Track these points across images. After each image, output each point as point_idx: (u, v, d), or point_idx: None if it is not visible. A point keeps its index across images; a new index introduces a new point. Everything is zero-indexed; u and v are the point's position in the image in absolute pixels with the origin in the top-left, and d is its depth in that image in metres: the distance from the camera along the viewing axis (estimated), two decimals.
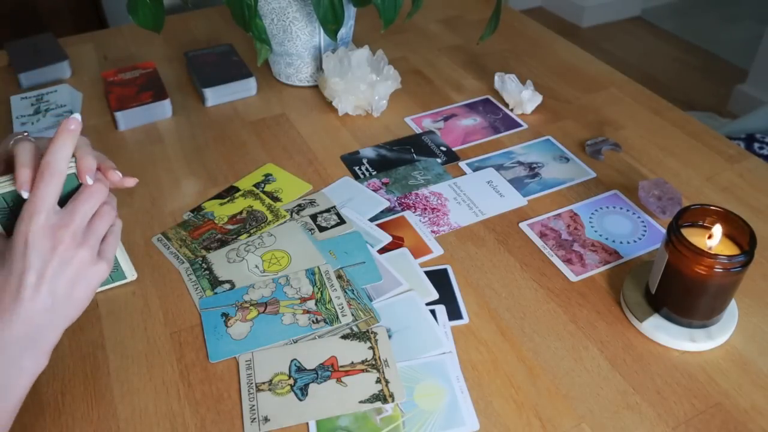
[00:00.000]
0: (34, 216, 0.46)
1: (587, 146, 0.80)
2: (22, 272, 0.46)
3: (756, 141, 1.59)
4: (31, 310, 0.46)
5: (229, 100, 0.92)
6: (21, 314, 0.45)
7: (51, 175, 0.47)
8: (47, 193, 0.47)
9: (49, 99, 0.90)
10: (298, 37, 0.88)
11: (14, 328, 0.45)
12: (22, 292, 0.45)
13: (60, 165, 0.47)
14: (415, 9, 0.86)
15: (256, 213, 0.71)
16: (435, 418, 0.51)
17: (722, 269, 0.51)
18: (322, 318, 0.59)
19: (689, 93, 2.37)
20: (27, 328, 0.46)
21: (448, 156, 0.80)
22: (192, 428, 0.51)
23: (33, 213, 0.46)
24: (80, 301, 0.49)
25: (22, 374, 0.46)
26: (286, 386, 0.53)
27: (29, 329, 0.46)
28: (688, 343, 0.55)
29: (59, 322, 0.48)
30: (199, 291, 0.62)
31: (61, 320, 0.48)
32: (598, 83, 0.95)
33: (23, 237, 0.46)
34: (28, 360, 0.46)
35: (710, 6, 2.98)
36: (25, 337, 0.46)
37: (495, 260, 0.65)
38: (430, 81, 0.97)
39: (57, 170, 0.47)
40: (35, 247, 0.46)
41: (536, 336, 0.57)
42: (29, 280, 0.46)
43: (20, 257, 0.46)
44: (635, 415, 0.51)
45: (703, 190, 0.74)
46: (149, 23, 0.81)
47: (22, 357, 0.46)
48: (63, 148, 0.48)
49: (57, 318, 0.48)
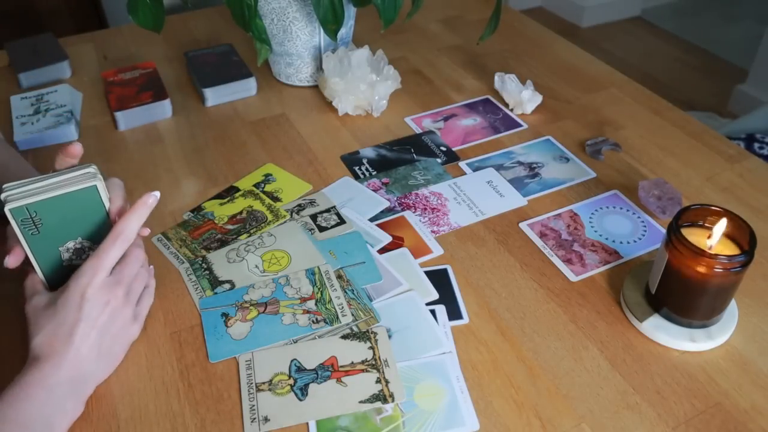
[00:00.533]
0: (97, 273, 0.51)
1: (587, 146, 0.80)
2: (75, 322, 0.50)
3: (756, 141, 1.59)
4: (79, 357, 0.50)
5: (229, 100, 0.92)
6: (70, 360, 0.49)
7: (122, 241, 0.52)
8: (113, 256, 0.52)
9: (49, 99, 0.90)
10: (298, 37, 0.88)
11: (62, 372, 0.49)
12: (74, 340, 0.50)
13: (131, 235, 0.53)
14: (415, 9, 0.86)
15: (256, 213, 0.71)
16: (435, 418, 0.51)
17: (722, 269, 0.51)
18: (322, 318, 0.59)
19: (689, 93, 2.37)
20: (73, 373, 0.50)
21: (448, 156, 0.80)
22: (192, 428, 0.51)
23: (97, 271, 0.51)
24: (117, 356, 0.55)
25: (65, 416, 0.49)
26: (286, 386, 0.53)
27: (75, 374, 0.50)
28: (688, 343, 0.55)
29: (99, 374, 0.53)
30: (199, 291, 0.62)
31: (100, 372, 0.53)
32: (598, 83, 0.95)
33: (81, 290, 0.50)
34: (70, 403, 0.50)
35: (710, 6, 2.98)
36: (71, 381, 0.50)
37: (495, 260, 0.65)
38: (430, 81, 0.97)
39: (127, 238, 0.53)
40: (92, 302, 0.50)
41: (536, 336, 0.57)
42: (82, 330, 0.50)
43: (75, 309, 0.50)
44: (635, 415, 0.51)
45: (703, 190, 0.74)
46: (149, 23, 0.81)
47: (66, 399, 0.49)
48: (137, 220, 0.53)
49: (98, 369, 0.52)
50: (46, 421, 0.47)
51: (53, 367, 0.49)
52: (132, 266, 0.54)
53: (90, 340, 0.50)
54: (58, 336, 0.49)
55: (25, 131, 0.84)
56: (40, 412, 0.47)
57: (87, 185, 0.52)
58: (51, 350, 0.49)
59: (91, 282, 0.50)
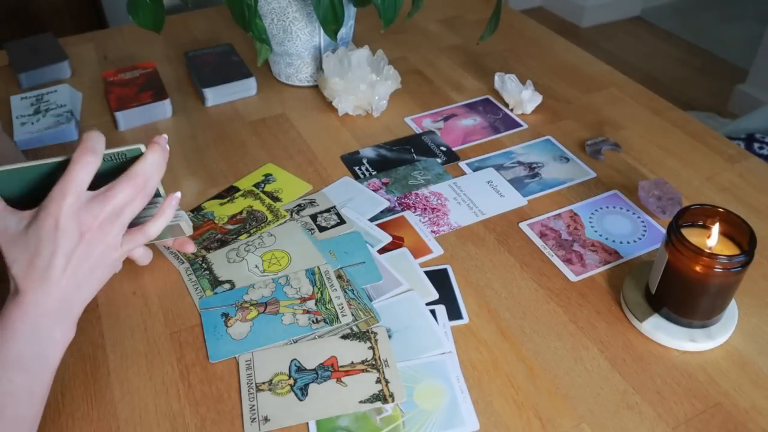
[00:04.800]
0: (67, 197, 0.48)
1: (587, 146, 0.80)
2: (51, 254, 0.48)
3: (756, 141, 1.59)
4: (59, 288, 0.49)
5: (229, 100, 0.92)
6: (50, 293, 0.48)
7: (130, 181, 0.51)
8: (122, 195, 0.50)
9: (49, 99, 0.90)
10: (298, 37, 0.88)
11: (43, 306, 0.48)
12: (50, 273, 0.48)
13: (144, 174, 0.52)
14: (415, 9, 0.86)
15: (256, 213, 0.71)
16: (435, 418, 0.51)
17: (722, 269, 0.51)
18: (322, 318, 0.59)
19: (689, 93, 2.37)
20: (55, 305, 0.49)
21: (448, 156, 0.80)
22: (192, 428, 0.51)
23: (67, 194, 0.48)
24: (101, 280, 0.53)
25: (55, 345, 0.49)
26: (286, 386, 0.53)
27: (57, 305, 0.49)
28: (688, 343, 0.55)
29: (83, 297, 0.51)
30: (199, 291, 0.62)
31: (84, 296, 0.51)
32: (598, 83, 0.95)
33: (53, 219, 0.48)
34: (58, 332, 0.49)
35: (710, 6, 2.98)
36: (54, 312, 0.49)
37: (495, 260, 0.65)
38: (430, 81, 0.97)
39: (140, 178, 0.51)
40: (67, 232, 0.48)
41: (536, 336, 0.57)
42: (58, 263, 0.48)
43: (49, 239, 0.48)
44: (635, 415, 0.51)
45: (703, 190, 0.74)
46: (149, 23, 0.81)
47: (54, 329, 0.49)
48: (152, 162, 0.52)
49: (81, 295, 0.51)
50: (37, 355, 0.47)
51: (33, 303, 0.48)
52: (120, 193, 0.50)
53: (68, 271, 0.49)
54: (36, 268, 0.48)
55: (25, 131, 0.84)
56: (29, 348, 0.47)
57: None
58: (29, 284, 0.48)
59: (62, 207, 0.47)
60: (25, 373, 0.46)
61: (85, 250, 0.50)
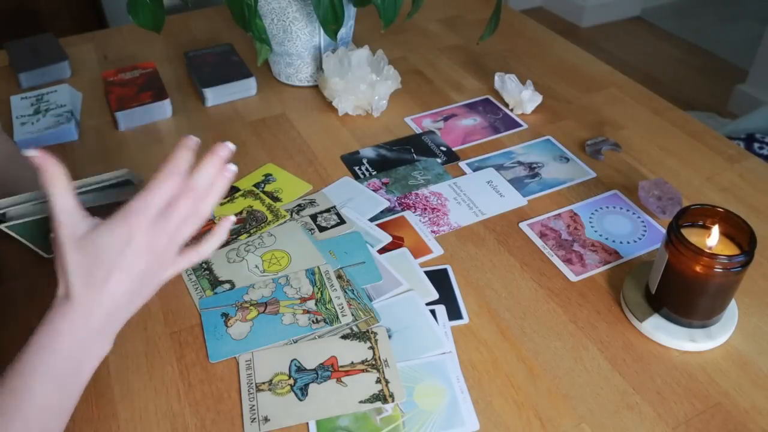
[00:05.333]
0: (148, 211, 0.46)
1: (587, 146, 0.80)
2: (114, 267, 0.46)
3: (756, 141, 1.59)
4: (110, 300, 0.46)
5: (229, 100, 0.92)
6: (103, 306, 0.46)
7: (168, 176, 0.49)
8: (162, 191, 0.48)
9: (49, 99, 0.90)
10: (298, 37, 0.88)
11: (93, 321, 0.46)
12: (107, 285, 0.46)
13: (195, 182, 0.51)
14: (415, 9, 0.86)
15: (256, 213, 0.71)
16: (435, 418, 0.51)
17: (722, 269, 0.51)
18: (322, 318, 0.59)
19: (689, 93, 2.37)
20: (103, 317, 0.47)
21: (448, 156, 0.80)
22: (192, 428, 0.51)
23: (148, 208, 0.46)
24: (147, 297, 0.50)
25: (91, 361, 0.47)
26: (286, 386, 0.53)
27: (105, 318, 0.47)
28: (688, 343, 0.55)
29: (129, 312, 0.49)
30: (199, 291, 0.62)
31: (130, 310, 0.49)
32: (598, 83, 0.95)
33: (129, 231, 0.46)
34: (98, 347, 0.47)
35: (710, 6, 2.97)
36: (100, 324, 0.47)
37: (495, 260, 0.65)
38: (430, 81, 0.97)
39: (176, 174, 0.50)
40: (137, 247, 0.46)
41: (536, 336, 0.57)
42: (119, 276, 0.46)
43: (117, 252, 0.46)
44: (635, 415, 0.51)
45: (703, 190, 0.74)
46: (149, 23, 0.81)
47: (94, 344, 0.47)
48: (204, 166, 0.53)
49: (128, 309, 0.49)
50: (74, 370, 0.46)
51: (83, 316, 0.45)
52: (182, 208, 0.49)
53: (125, 285, 0.46)
54: (94, 276, 0.45)
55: (25, 131, 0.84)
56: (68, 362, 0.45)
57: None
58: (83, 295, 0.45)
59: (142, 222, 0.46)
60: (59, 389, 0.45)
61: (146, 267, 0.47)
